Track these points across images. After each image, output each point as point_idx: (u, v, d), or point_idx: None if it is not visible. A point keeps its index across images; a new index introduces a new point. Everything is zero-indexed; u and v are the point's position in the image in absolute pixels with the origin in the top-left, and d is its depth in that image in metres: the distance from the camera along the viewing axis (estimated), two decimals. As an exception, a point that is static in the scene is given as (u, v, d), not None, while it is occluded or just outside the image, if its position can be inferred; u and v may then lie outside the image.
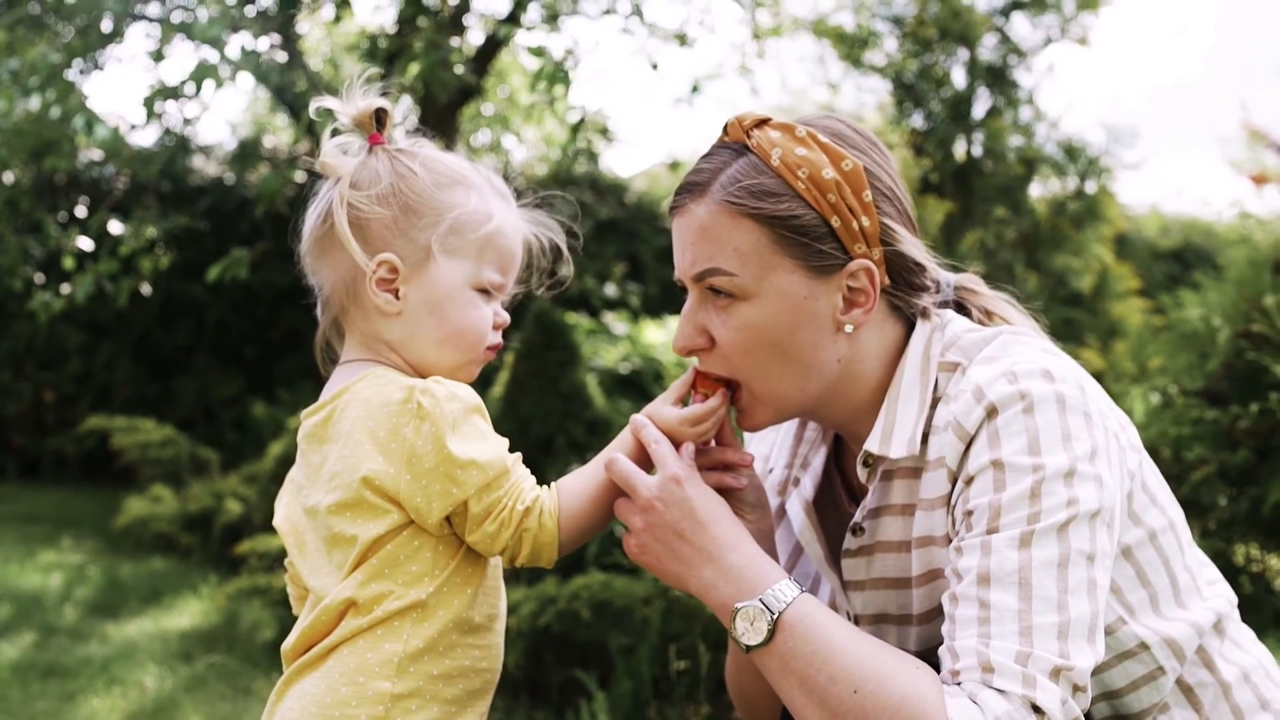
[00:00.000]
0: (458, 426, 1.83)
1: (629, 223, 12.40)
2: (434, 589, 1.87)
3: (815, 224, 1.88)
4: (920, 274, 1.98)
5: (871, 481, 1.98)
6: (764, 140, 1.92)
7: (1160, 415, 4.81)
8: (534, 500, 1.88)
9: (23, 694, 4.82)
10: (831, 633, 1.75)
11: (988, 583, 1.71)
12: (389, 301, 1.94)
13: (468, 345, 1.99)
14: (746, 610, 1.79)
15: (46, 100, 7.62)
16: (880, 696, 1.68)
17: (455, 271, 1.96)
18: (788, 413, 2.01)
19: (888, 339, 1.99)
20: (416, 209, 1.94)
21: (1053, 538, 1.71)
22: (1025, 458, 1.75)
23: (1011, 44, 8.88)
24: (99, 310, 9.91)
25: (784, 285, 1.90)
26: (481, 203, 1.98)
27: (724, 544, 1.86)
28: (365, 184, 1.94)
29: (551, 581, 4.63)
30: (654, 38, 8.93)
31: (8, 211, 8.29)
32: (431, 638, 1.86)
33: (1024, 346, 1.90)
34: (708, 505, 1.89)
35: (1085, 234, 8.70)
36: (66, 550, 7.76)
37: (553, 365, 6.73)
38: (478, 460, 1.82)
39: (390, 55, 7.72)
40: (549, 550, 1.90)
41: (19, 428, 10.71)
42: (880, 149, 1.99)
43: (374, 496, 1.84)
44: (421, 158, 1.99)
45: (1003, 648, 1.66)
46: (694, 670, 4.20)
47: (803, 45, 16.17)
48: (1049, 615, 1.68)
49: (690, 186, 1.98)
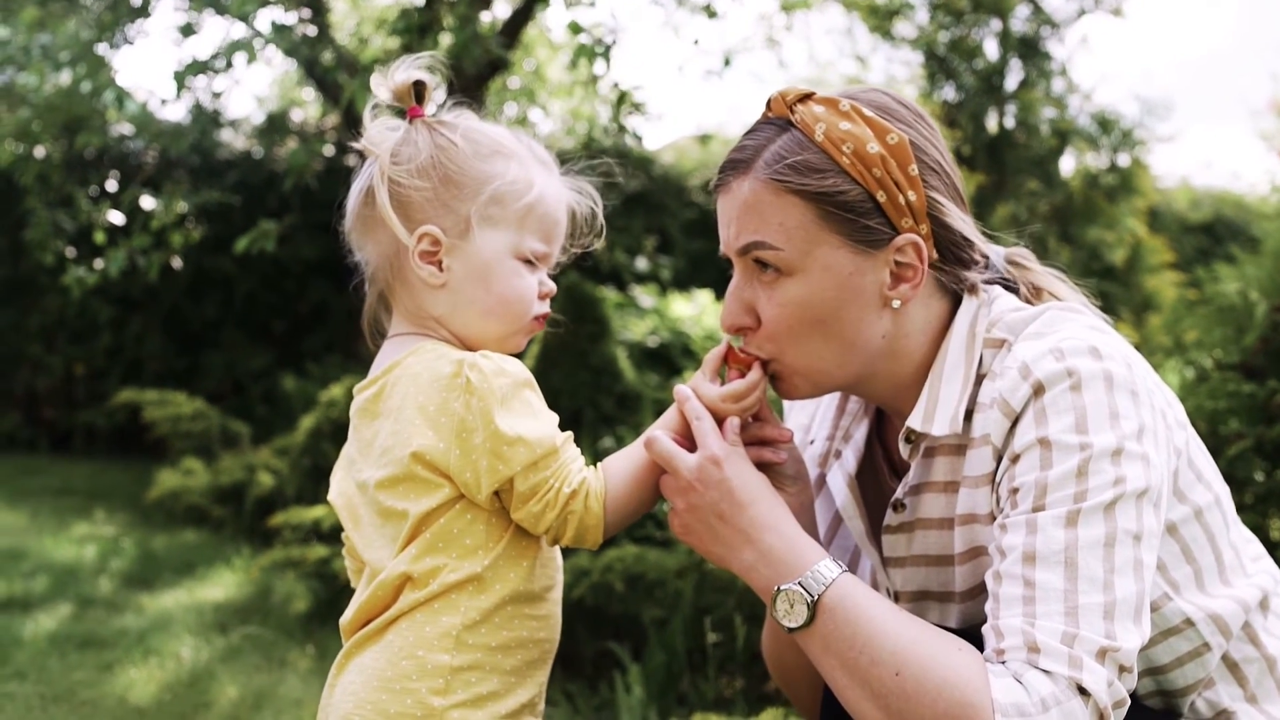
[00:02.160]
0: (506, 402, 1.83)
1: (656, 196, 12.35)
2: (489, 562, 1.88)
3: (861, 199, 1.87)
4: (968, 249, 1.96)
5: (914, 458, 1.97)
6: (807, 115, 1.90)
7: (1196, 389, 4.77)
8: (581, 483, 1.87)
9: (61, 664, 4.86)
10: (873, 614, 1.74)
11: (1033, 561, 1.70)
12: (433, 274, 1.94)
13: (513, 315, 1.98)
14: (787, 593, 1.78)
15: (77, 75, 7.65)
16: (923, 679, 1.67)
17: (498, 241, 1.95)
18: (826, 388, 2.00)
19: (934, 315, 1.97)
20: (457, 180, 1.94)
21: (1099, 517, 1.70)
22: (1072, 436, 1.73)
23: (1044, 15, 8.80)
24: (129, 284, 9.95)
25: (830, 261, 1.88)
26: (522, 171, 1.97)
27: (763, 525, 1.85)
28: (405, 158, 1.94)
29: (585, 554, 4.64)
30: (682, 9, 8.89)
31: (39, 186, 8.32)
32: (488, 610, 1.87)
33: (1071, 323, 1.88)
34: (746, 486, 1.88)
35: (1118, 207, 8.63)
36: (100, 523, 7.82)
37: (583, 339, 6.73)
38: (525, 437, 1.82)
39: (420, 29, 7.70)
40: (594, 533, 1.90)
41: (50, 401, 10.78)
42: (927, 121, 1.98)
43: (425, 471, 1.85)
44: (462, 129, 1.98)
45: (1048, 628, 1.65)
46: (727, 643, 4.20)
47: (831, 18, 16.08)
48: (1095, 595, 1.66)
49: (734, 163, 1.95)
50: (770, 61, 23.45)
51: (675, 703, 4.19)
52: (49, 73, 7.78)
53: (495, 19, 8.61)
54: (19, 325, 10.50)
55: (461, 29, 6.96)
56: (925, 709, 1.65)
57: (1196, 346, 5.19)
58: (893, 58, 9.25)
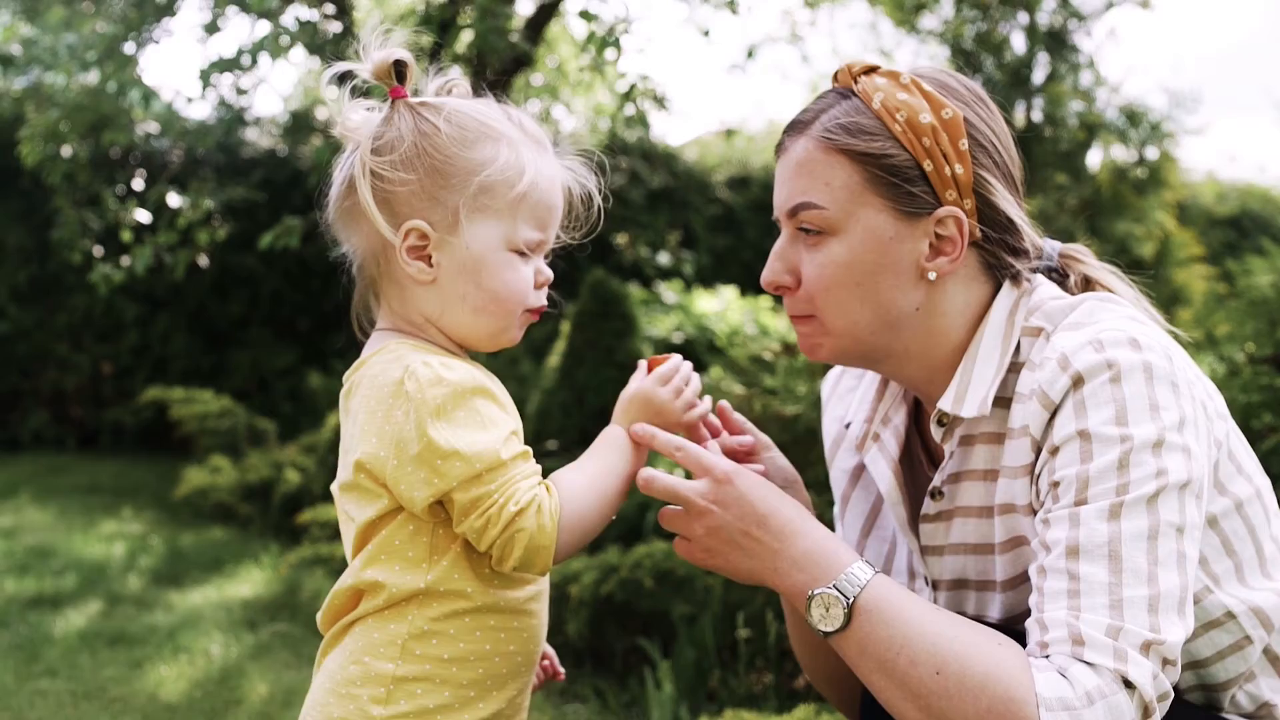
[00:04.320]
0: (443, 413, 1.72)
1: (681, 192, 12.34)
2: (433, 577, 1.79)
3: (908, 165, 1.89)
4: (1015, 234, 1.96)
5: (947, 442, 1.97)
6: (869, 85, 1.95)
7: (1228, 383, 4.74)
8: (530, 500, 1.74)
9: (92, 661, 4.88)
10: (910, 614, 1.73)
11: (1077, 555, 1.69)
12: (422, 270, 1.85)
13: (506, 311, 1.89)
14: (822, 596, 1.77)
15: (104, 74, 7.67)
16: (964, 677, 1.66)
17: (489, 233, 1.86)
18: (853, 352, 2.00)
19: (974, 298, 1.97)
20: (443, 170, 1.84)
21: (1142, 509, 1.69)
22: (1113, 428, 1.72)
23: (1071, 8, 8.75)
24: (155, 283, 10.00)
25: (872, 223, 1.91)
26: (513, 156, 1.86)
27: (791, 532, 1.84)
28: (388, 147, 1.83)
29: (614, 550, 4.63)
30: (705, 4, 8.87)
31: (66, 185, 8.35)
32: (439, 620, 1.80)
33: (1110, 313, 1.86)
34: (763, 497, 1.86)
35: (1147, 200, 8.58)
36: (127, 520, 7.85)
37: (609, 335, 6.73)
38: (461, 451, 1.71)
39: (443, 24, 7.71)
40: (544, 555, 1.76)
41: (77, 400, 10.83)
42: (987, 104, 1.99)
43: (367, 480, 1.78)
44: (446, 111, 1.86)
45: (1093, 621, 1.64)
46: (758, 638, 4.19)
47: (855, 12, 16.03)
48: (1139, 588, 1.66)
49: (794, 125, 2.00)
50: (794, 56, 23.44)
51: (705, 699, 4.18)
52: (76, 72, 7.81)
53: (518, 15, 8.60)
54: (46, 324, 10.55)
55: (485, 23, 6.97)
56: (968, 706, 1.64)
57: (1228, 340, 5.16)
58: (918, 52, 9.20)
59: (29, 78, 8.91)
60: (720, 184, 12.61)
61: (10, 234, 10.32)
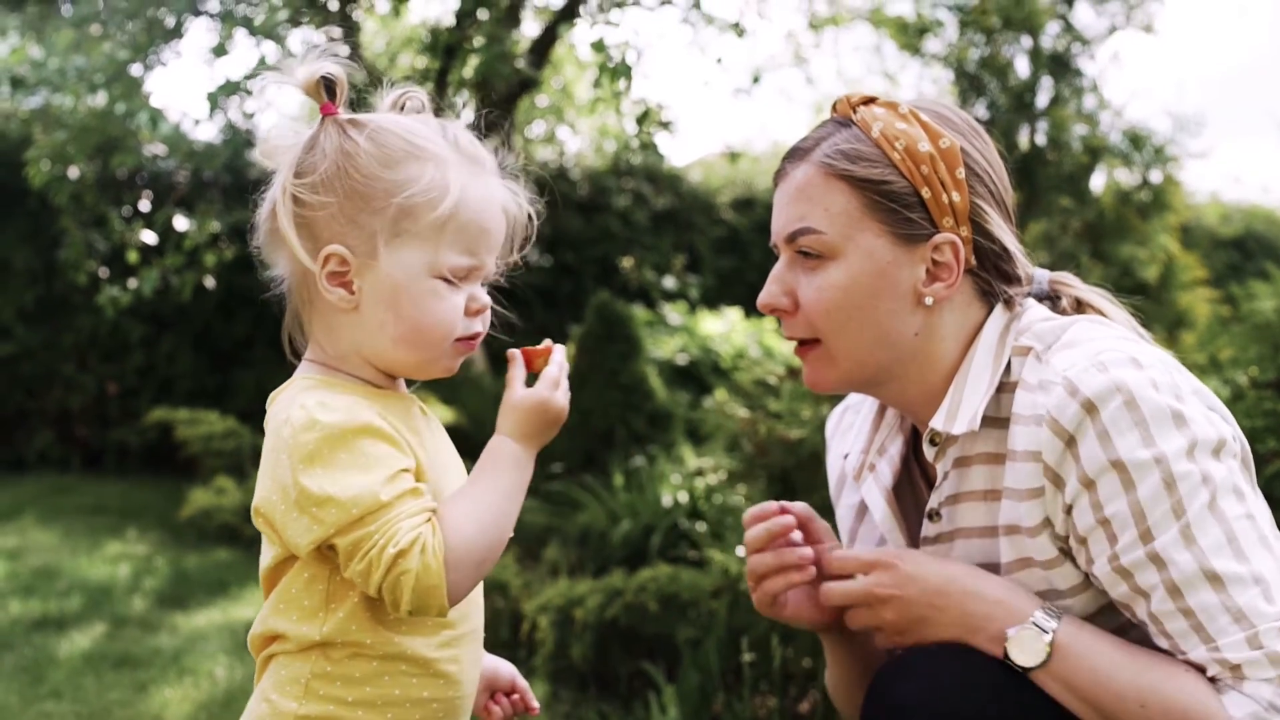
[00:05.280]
0: (317, 458, 1.65)
1: (685, 213, 12.36)
2: (329, 629, 1.73)
3: (906, 191, 1.94)
4: (1008, 261, 2.01)
5: (940, 461, 2.00)
6: (868, 115, 1.99)
7: (1232, 407, 4.74)
8: (413, 541, 1.63)
9: (97, 684, 4.88)
10: (1105, 648, 1.81)
11: (1180, 592, 1.74)
12: (343, 297, 1.77)
13: (428, 343, 1.78)
14: (1020, 636, 1.84)
15: (112, 96, 7.71)
16: (1168, 707, 1.74)
17: (411, 259, 1.75)
18: (858, 378, 2.04)
19: (969, 322, 2.01)
20: (363, 192, 1.74)
21: (1208, 519, 1.74)
22: (1143, 451, 1.76)
23: (1075, 32, 8.79)
24: (161, 303, 10.02)
25: (870, 248, 1.95)
26: (438, 176, 1.75)
27: (971, 591, 1.91)
28: (309, 169, 1.75)
29: (618, 574, 4.63)
30: (710, 27, 8.91)
31: (73, 206, 8.39)
32: (342, 661, 1.75)
33: (1102, 334, 1.91)
34: (933, 570, 1.94)
35: (1151, 224, 8.60)
36: (132, 541, 7.85)
37: (614, 357, 6.74)
38: (336, 496, 1.63)
39: (449, 48, 7.75)
40: (436, 596, 1.65)
41: (82, 420, 10.83)
42: (982, 136, 2.04)
43: (263, 525, 1.74)
44: (370, 129, 1.77)
45: (1231, 644, 1.71)
46: (762, 663, 4.18)
47: (859, 35, 16.08)
48: (1249, 589, 1.72)
49: (794, 153, 2.04)
50: (798, 79, 23.49)
51: (710, 723, 4.18)
52: (84, 94, 7.85)
53: (523, 37, 8.64)
54: (52, 344, 10.57)
55: (490, 48, 7.00)
56: None
57: (1232, 364, 5.16)
58: (923, 75, 9.23)
59: (37, 99, 8.95)
60: (725, 205, 12.63)
61: (17, 254, 10.34)
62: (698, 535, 5.24)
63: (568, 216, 11.64)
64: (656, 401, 6.73)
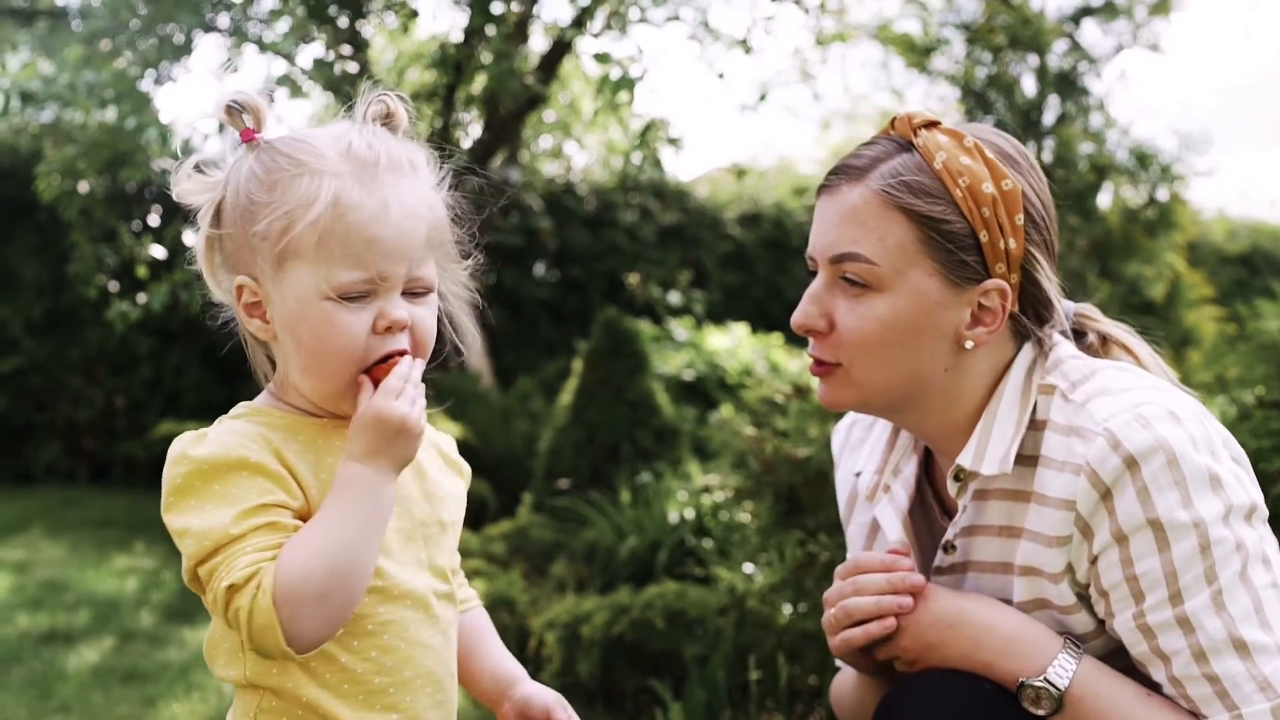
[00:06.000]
0: (182, 491, 1.62)
1: (691, 229, 12.38)
2: (250, 672, 1.70)
3: (964, 233, 1.89)
4: (1048, 310, 1.99)
5: (962, 497, 1.99)
6: (930, 142, 1.93)
7: (1239, 427, 4.75)
8: (248, 576, 1.54)
9: (104, 698, 4.89)
10: (1119, 701, 1.81)
11: (1205, 658, 1.75)
12: (260, 328, 1.72)
13: (331, 371, 1.68)
14: (1033, 689, 1.84)
15: (122, 112, 7.74)
16: None
17: (302, 282, 1.65)
18: (875, 405, 2.02)
19: (998, 361, 1.99)
20: (253, 215, 1.66)
21: (1239, 587, 1.75)
22: (1182, 513, 1.76)
23: (1082, 51, 8.80)
24: (169, 317, 10.04)
25: (920, 286, 1.90)
26: (310, 189, 1.63)
27: (985, 624, 1.91)
28: (222, 199, 1.72)
29: (625, 590, 4.64)
30: (717, 44, 8.94)
31: (82, 221, 8.42)
32: (286, 693, 1.70)
33: (1137, 382, 1.90)
34: (951, 604, 1.94)
35: (1157, 242, 8.60)
36: (140, 555, 7.86)
37: (620, 372, 6.74)
38: (191, 529, 1.59)
39: (457, 64, 7.78)
40: (272, 635, 1.54)
41: (90, 433, 10.85)
42: (1039, 174, 2.00)
43: None
44: (269, 149, 1.69)
45: (1257, 712, 1.72)
46: (769, 680, 4.19)
47: (866, 52, 16.11)
48: (1274, 659, 1.73)
49: (847, 169, 1.97)
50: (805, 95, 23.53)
51: (716, 741, 4.18)
52: (94, 109, 7.88)
53: (531, 53, 8.67)
54: (60, 357, 10.59)
55: (498, 64, 7.03)
56: None
57: (1238, 383, 5.16)
58: (929, 92, 9.22)
59: (48, 114, 8.98)
60: (731, 221, 12.64)
61: (26, 268, 10.38)
62: (704, 552, 5.25)
63: (574, 231, 11.67)
64: (663, 417, 6.73)
